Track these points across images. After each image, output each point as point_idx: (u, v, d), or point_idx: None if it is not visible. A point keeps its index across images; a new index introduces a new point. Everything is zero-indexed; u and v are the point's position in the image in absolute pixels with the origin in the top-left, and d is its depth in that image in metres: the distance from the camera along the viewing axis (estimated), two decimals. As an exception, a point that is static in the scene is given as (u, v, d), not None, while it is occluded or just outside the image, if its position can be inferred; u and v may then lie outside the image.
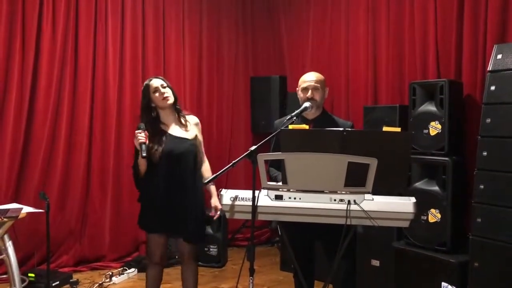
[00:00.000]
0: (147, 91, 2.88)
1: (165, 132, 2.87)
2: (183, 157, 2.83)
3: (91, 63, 4.50)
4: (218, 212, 2.93)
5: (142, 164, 2.83)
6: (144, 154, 2.71)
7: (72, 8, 4.39)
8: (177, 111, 2.94)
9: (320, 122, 2.80)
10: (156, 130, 2.86)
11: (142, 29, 4.80)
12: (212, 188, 2.95)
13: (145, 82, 2.94)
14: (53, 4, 4.29)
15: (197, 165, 2.93)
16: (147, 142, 2.76)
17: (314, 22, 5.04)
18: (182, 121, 2.92)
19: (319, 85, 2.80)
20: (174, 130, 2.90)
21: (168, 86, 2.90)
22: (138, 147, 2.74)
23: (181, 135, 2.88)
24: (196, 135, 2.94)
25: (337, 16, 4.75)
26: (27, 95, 4.19)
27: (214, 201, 2.93)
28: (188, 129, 2.92)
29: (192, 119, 2.99)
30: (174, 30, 5.04)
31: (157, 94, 2.85)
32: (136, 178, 2.92)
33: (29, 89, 4.20)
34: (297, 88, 2.90)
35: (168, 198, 2.84)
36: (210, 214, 2.95)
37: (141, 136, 2.73)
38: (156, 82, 2.88)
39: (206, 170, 3.00)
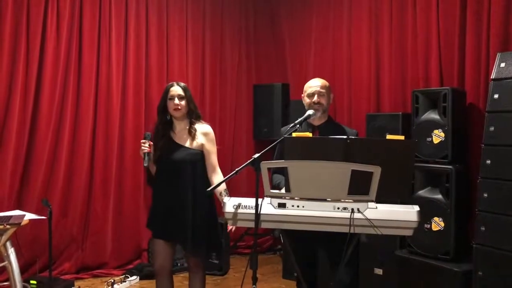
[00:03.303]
0: (165, 94, 2.92)
1: (171, 138, 2.91)
2: (179, 165, 2.85)
3: (94, 71, 4.51)
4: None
5: (152, 169, 2.94)
6: (145, 165, 2.81)
7: (76, 15, 4.41)
8: (190, 122, 2.93)
9: (326, 128, 2.81)
10: (164, 134, 2.90)
11: (145, 37, 4.82)
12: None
13: (168, 84, 2.97)
14: (57, 11, 4.31)
15: (198, 175, 2.88)
16: (151, 151, 2.84)
17: (316, 30, 5.05)
18: (192, 130, 2.91)
19: (324, 90, 2.81)
20: (180, 138, 2.91)
21: (186, 97, 2.90)
22: (142, 156, 2.83)
23: (183, 143, 2.89)
24: (202, 145, 2.92)
25: (340, 24, 4.76)
26: (31, 102, 4.21)
27: None
28: (194, 138, 2.90)
29: (201, 128, 2.94)
30: (177, 38, 5.05)
31: (170, 102, 2.88)
32: (149, 180, 3.05)
33: (32, 96, 4.21)
34: (302, 95, 2.89)
35: (166, 205, 2.88)
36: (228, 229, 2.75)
37: (145, 146, 2.81)
38: (175, 90, 2.90)
39: (217, 182, 2.87)
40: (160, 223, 2.91)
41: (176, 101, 2.86)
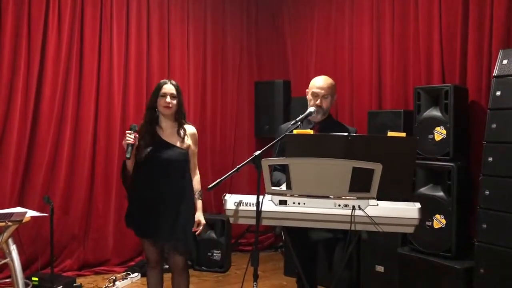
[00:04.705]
0: (157, 91, 2.90)
1: (158, 136, 2.89)
2: (170, 163, 2.84)
3: (95, 68, 4.51)
4: (201, 228, 2.90)
5: (129, 164, 2.88)
6: (127, 156, 2.74)
7: (77, 13, 4.41)
8: (178, 123, 2.93)
9: (325, 125, 2.82)
10: (150, 130, 2.88)
11: (147, 35, 4.81)
12: (199, 202, 2.93)
13: (161, 81, 2.95)
14: (58, 9, 4.31)
15: (186, 174, 2.91)
16: (135, 143, 2.80)
17: (318, 27, 5.04)
18: (180, 130, 2.91)
19: (328, 93, 2.81)
20: (168, 135, 2.90)
21: (177, 97, 2.89)
22: (124, 147, 2.76)
23: (174, 142, 2.89)
24: (189, 145, 2.94)
25: (341, 21, 4.75)
26: (32, 100, 4.21)
27: (198, 216, 2.90)
28: (183, 138, 2.91)
29: (189, 129, 2.97)
30: (179, 35, 5.04)
31: (162, 99, 2.87)
32: (123, 176, 2.95)
33: (34, 94, 4.21)
34: (307, 90, 2.89)
35: (153, 203, 2.85)
36: (193, 229, 2.90)
37: (130, 137, 2.76)
38: (167, 89, 2.88)
39: (197, 182, 2.99)
40: (143, 221, 2.86)
41: (168, 99, 2.85)
